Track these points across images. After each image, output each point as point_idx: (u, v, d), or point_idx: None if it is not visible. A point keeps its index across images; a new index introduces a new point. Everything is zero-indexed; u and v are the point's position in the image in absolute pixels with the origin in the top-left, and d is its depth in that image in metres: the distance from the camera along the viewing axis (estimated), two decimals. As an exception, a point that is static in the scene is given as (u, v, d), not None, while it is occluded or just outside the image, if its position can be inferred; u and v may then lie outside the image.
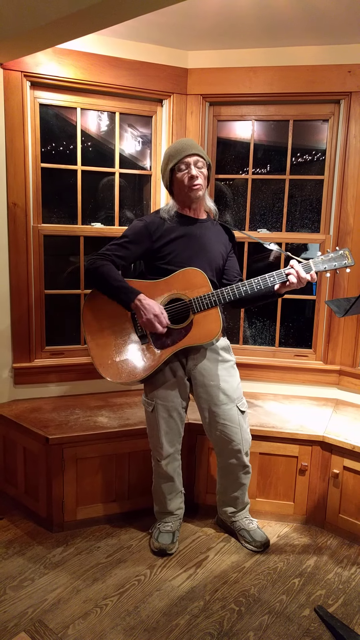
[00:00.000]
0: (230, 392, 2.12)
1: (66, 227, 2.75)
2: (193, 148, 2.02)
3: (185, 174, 2.01)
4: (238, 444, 2.14)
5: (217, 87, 2.72)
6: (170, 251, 2.05)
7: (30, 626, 1.81)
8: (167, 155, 2.07)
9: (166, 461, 2.18)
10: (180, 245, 2.06)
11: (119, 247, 2.05)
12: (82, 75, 2.56)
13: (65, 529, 2.37)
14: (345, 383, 2.82)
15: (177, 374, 2.11)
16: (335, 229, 2.75)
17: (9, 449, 2.55)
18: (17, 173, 2.54)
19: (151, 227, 2.06)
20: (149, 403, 2.14)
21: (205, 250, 2.09)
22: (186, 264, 2.04)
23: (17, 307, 2.65)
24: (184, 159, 2.01)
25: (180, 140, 2.08)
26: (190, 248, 2.07)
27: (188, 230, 2.08)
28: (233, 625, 1.83)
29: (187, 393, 2.17)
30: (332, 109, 2.71)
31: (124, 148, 2.87)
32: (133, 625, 1.82)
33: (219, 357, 2.13)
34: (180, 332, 2.02)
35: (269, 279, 2.00)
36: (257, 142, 2.88)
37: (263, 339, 3.03)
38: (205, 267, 2.07)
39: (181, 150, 2.01)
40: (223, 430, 2.13)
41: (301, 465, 2.39)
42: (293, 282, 1.98)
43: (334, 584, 2.05)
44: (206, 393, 2.12)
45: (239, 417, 2.14)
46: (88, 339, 2.09)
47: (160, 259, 2.06)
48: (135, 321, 2.05)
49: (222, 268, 2.17)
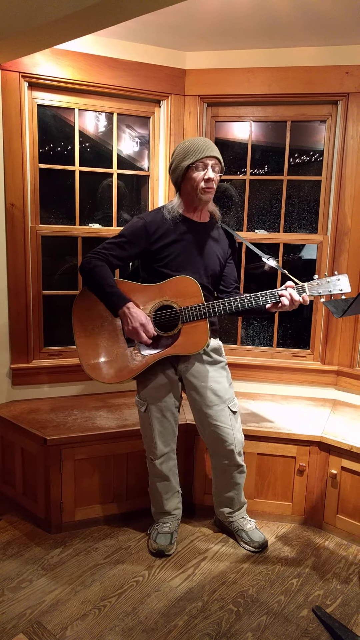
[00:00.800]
0: (222, 392, 2.12)
1: (64, 227, 2.75)
2: (214, 150, 1.97)
3: (202, 174, 1.96)
4: (231, 444, 2.14)
5: (214, 87, 2.72)
6: (168, 254, 2.03)
7: (29, 627, 1.80)
8: (184, 151, 1.98)
9: (160, 460, 2.18)
10: (178, 249, 2.04)
11: (115, 247, 2.03)
12: (80, 75, 2.56)
13: (64, 530, 2.36)
14: (343, 383, 2.83)
15: (169, 375, 2.11)
16: (332, 229, 2.75)
17: (7, 450, 2.54)
18: (14, 174, 2.54)
19: (150, 227, 2.03)
20: (142, 403, 2.15)
21: (203, 256, 2.08)
22: (182, 268, 2.03)
23: (14, 308, 2.65)
24: (205, 159, 1.95)
25: (200, 138, 2.01)
26: (187, 253, 2.05)
27: (188, 234, 2.06)
28: (231, 625, 1.84)
29: (179, 393, 2.17)
30: (329, 109, 2.71)
31: (122, 149, 2.87)
32: (131, 626, 1.82)
33: (210, 358, 2.13)
34: (167, 339, 2.03)
35: (261, 298, 1.99)
36: (255, 143, 2.88)
37: (261, 339, 3.04)
38: (201, 273, 2.07)
39: (202, 150, 1.94)
40: (215, 431, 2.13)
41: (299, 465, 2.39)
42: (285, 305, 1.96)
43: (332, 585, 2.06)
44: (198, 394, 2.12)
45: (231, 417, 2.14)
46: (76, 336, 2.09)
47: (156, 260, 2.05)
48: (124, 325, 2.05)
49: (219, 274, 2.16)
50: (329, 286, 1.98)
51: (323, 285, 1.99)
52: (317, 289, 1.99)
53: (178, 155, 2.01)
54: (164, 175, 2.84)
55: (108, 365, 2.06)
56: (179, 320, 2.01)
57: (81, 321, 2.09)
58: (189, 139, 2.03)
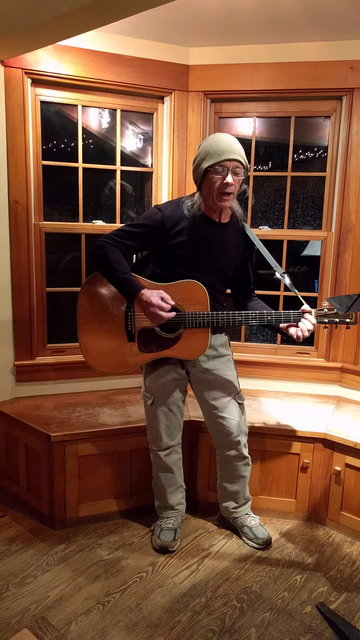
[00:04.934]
0: (228, 385, 2.14)
1: (67, 224, 2.75)
2: (236, 153, 1.86)
3: (219, 178, 1.87)
4: (237, 435, 2.15)
5: (218, 83, 2.71)
6: (183, 253, 1.98)
7: (33, 622, 1.81)
8: (205, 151, 1.89)
9: (165, 452, 2.19)
10: (193, 249, 1.98)
11: (129, 237, 1.96)
12: (83, 72, 2.56)
13: (68, 526, 2.37)
14: (347, 380, 2.82)
15: (176, 369, 2.11)
16: (337, 226, 2.74)
17: (11, 446, 2.55)
18: (18, 170, 2.54)
19: (168, 222, 1.96)
20: (149, 397, 2.15)
21: (219, 258, 2.04)
22: (196, 268, 2.00)
23: (18, 305, 2.65)
24: (224, 162, 1.85)
25: (224, 137, 1.89)
26: (203, 253, 2.00)
27: (206, 234, 1.99)
28: (235, 622, 1.84)
29: (185, 387, 2.18)
30: (334, 105, 2.70)
31: (125, 145, 2.87)
32: (135, 621, 1.83)
33: (217, 352, 2.14)
34: (167, 341, 2.02)
35: (266, 317, 1.97)
36: (259, 139, 2.87)
37: (265, 336, 3.03)
38: (215, 274, 2.04)
39: (223, 152, 1.85)
40: (222, 423, 2.14)
41: (303, 462, 2.39)
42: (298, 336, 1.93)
43: (335, 581, 2.06)
44: (205, 387, 2.13)
45: (237, 409, 2.16)
46: (79, 322, 2.08)
47: (170, 257, 2.01)
48: (127, 318, 2.04)
49: (234, 277, 2.13)
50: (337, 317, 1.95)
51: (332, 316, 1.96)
52: (325, 318, 1.97)
53: (200, 154, 1.92)
54: (167, 172, 2.83)
55: (105, 357, 2.07)
56: (182, 324, 2.00)
57: (86, 308, 2.09)
58: (214, 136, 1.91)
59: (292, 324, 1.97)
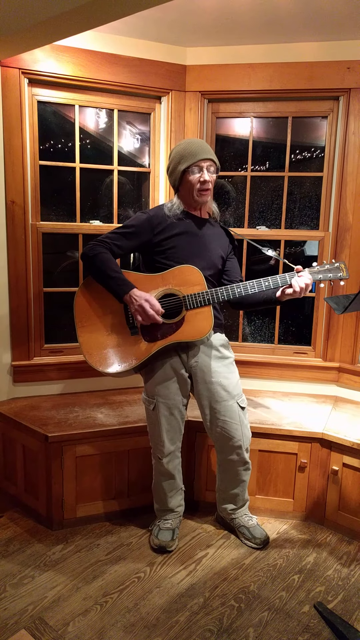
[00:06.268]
0: (230, 388, 2.13)
1: (65, 224, 2.75)
2: (208, 153, 2.03)
3: (197, 177, 2.02)
4: (239, 440, 2.15)
5: (215, 83, 2.71)
6: (171, 246, 2.05)
7: (31, 623, 1.81)
8: (179, 155, 2.04)
9: (167, 459, 2.18)
10: (181, 241, 2.07)
11: (119, 237, 2.06)
12: (80, 72, 2.56)
13: (65, 527, 2.37)
14: (345, 380, 2.82)
15: (178, 371, 2.11)
16: (334, 225, 2.75)
17: (9, 447, 2.55)
18: (15, 171, 2.53)
19: (154, 220, 2.07)
20: (150, 401, 2.14)
21: (205, 250, 2.10)
22: (185, 261, 2.05)
23: (15, 305, 2.65)
24: (199, 162, 2.01)
25: (193, 140, 2.06)
26: (190, 245, 2.08)
27: (190, 228, 2.10)
28: (233, 621, 1.84)
29: (187, 390, 2.17)
30: (331, 105, 2.70)
31: (123, 145, 2.86)
32: (133, 622, 1.83)
33: (219, 353, 2.14)
34: (171, 326, 2.03)
35: (263, 283, 2.00)
36: (256, 139, 2.88)
37: (262, 336, 3.03)
38: (204, 265, 2.07)
39: (197, 153, 2.00)
40: (224, 427, 2.13)
41: (300, 462, 2.39)
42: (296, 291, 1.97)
43: (333, 581, 2.06)
44: (207, 390, 2.12)
45: (240, 413, 2.15)
46: (78, 326, 2.09)
47: (159, 253, 2.06)
48: (128, 312, 2.05)
49: (221, 268, 2.18)
50: (330, 272, 2.03)
51: (323, 272, 2.03)
52: (317, 274, 2.03)
53: (174, 159, 2.07)
54: (164, 172, 2.83)
55: (110, 354, 2.06)
56: (183, 307, 2.02)
57: (83, 309, 2.09)
58: (184, 141, 2.08)
59: (288, 286, 2.01)
